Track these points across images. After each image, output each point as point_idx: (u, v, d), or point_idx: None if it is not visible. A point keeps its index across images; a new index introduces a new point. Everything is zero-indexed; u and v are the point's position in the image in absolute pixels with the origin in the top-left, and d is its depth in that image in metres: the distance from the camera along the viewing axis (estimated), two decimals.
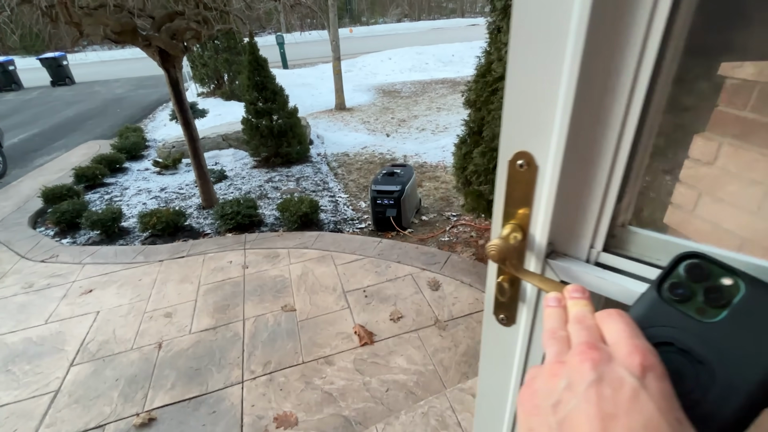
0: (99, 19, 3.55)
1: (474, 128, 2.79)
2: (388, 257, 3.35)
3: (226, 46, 10.93)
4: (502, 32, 2.47)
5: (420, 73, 15.49)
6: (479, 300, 2.80)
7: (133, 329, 2.82)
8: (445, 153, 6.53)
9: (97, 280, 3.42)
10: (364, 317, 2.73)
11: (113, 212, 4.23)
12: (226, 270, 3.39)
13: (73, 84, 16.73)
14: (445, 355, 2.38)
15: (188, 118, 4.52)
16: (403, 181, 4.05)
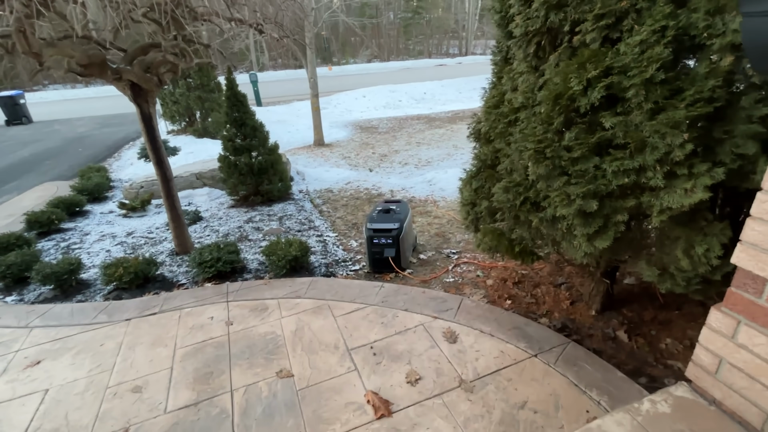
0: (63, 50, 3.20)
1: (487, 162, 2.59)
2: (393, 305, 3.01)
3: (199, 84, 10.66)
4: (515, 61, 2.32)
5: (394, 110, 15.72)
6: (504, 353, 2.48)
7: (92, 411, 2.29)
8: (432, 187, 6.37)
9: (47, 347, 2.86)
10: (376, 381, 2.35)
11: (70, 263, 3.69)
12: (207, 328, 2.93)
13: (30, 123, 15.84)
14: (479, 426, 2.02)
15: (161, 156, 4.13)
16: (400, 218, 3.78)
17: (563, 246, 2.11)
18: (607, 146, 1.82)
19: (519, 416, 2.06)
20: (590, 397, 2.14)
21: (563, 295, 3.23)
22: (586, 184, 1.83)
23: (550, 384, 2.23)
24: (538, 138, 1.96)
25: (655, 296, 3.09)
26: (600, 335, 2.78)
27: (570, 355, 2.42)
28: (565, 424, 2.01)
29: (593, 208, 1.82)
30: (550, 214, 2.04)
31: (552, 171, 1.94)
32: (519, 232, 2.33)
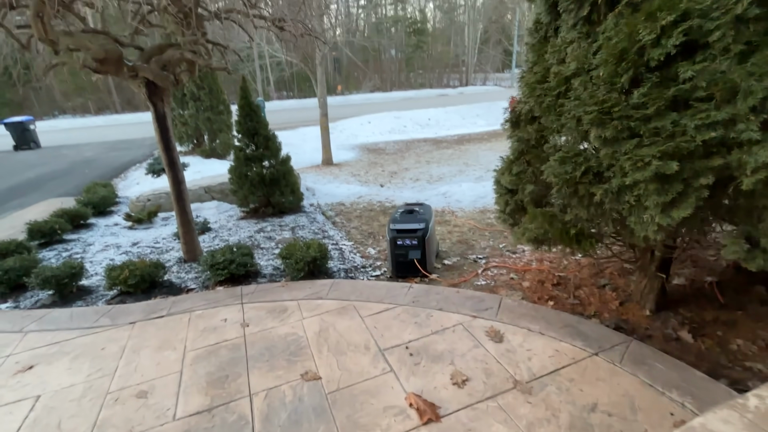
0: (79, 40, 3.10)
1: (531, 142, 2.40)
2: (425, 305, 2.73)
3: (209, 105, 10.73)
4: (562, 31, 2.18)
5: (399, 135, 15.83)
6: (560, 352, 2.19)
7: (89, 419, 1.98)
8: (448, 199, 6.18)
9: (42, 352, 2.57)
10: (417, 383, 2.04)
11: (72, 266, 3.43)
12: (221, 330, 2.64)
13: (39, 148, 15.91)
14: (547, 430, 1.71)
15: (173, 158, 3.97)
16: (425, 218, 3.55)
17: (630, 222, 1.88)
18: (685, 102, 1.63)
19: (591, 420, 1.75)
20: (671, 398, 1.84)
21: (610, 295, 2.95)
22: (664, 142, 1.62)
23: (620, 384, 1.94)
24: (601, 99, 1.78)
25: (713, 296, 2.81)
26: (660, 336, 2.49)
27: (636, 354, 2.13)
28: (648, 428, 1.70)
29: (673, 169, 1.61)
30: (616, 185, 1.83)
31: (620, 133, 1.74)
32: (575, 212, 2.10)
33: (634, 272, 3.12)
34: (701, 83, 1.55)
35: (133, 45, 3.75)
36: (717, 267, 3.25)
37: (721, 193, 1.80)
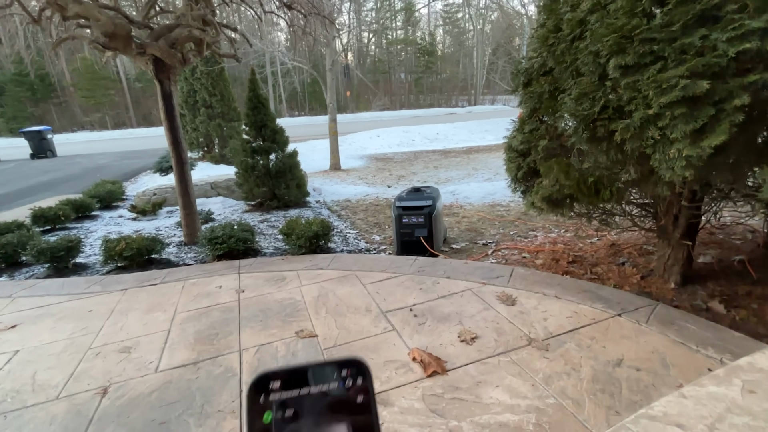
0: (89, 9, 3.12)
1: (545, 96, 2.28)
2: (432, 274, 2.56)
3: (220, 112, 10.88)
4: None
5: (408, 147, 15.85)
6: (579, 313, 2.00)
7: (66, 371, 1.83)
8: (456, 196, 6.03)
9: (28, 314, 2.44)
10: (421, 340, 1.87)
11: (69, 240, 3.35)
12: (214, 295, 2.50)
13: (55, 157, 16.27)
14: (566, 383, 1.52)
15: (178, 137, 3.93)
16: (432, 196, 3.42)
17: (654, 161, 1.72)
18: (715, 18, 1.51)
19: (617, 374, 1.55)
20: (707, 355, 1.64)
21: (630, 271, 2.75)
22: (692, 60, 1.49)
23: (647, 342, 1.74)
24: (620, 24, 1.66)
25: (744, 273, 2.60)
26: (689, 307, 2.28)
27: (663, 315, 1.93)
28: (683, 382, 1.49)
29: (704, 88, 1.47)
30: (638, 118, 1.69)
31: (642, 58, 1.62)
32: (593, 157, 1.95)
33: (654, 251, 2.92)
34: None
35: (143, 23, 3.77)
36: (745, 248, 3.04)
37: (758, 126, 1.65)
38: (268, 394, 0.26)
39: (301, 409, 0.26)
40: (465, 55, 42.43)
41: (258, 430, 0.26)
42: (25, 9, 3.29)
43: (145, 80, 29.52)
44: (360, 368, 0.28)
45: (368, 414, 0.27)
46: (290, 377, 0.27)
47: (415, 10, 41.04)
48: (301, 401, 0.27)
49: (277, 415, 0.26)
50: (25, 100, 27.34)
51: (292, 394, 0.27)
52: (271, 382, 0.27)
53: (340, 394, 0.27)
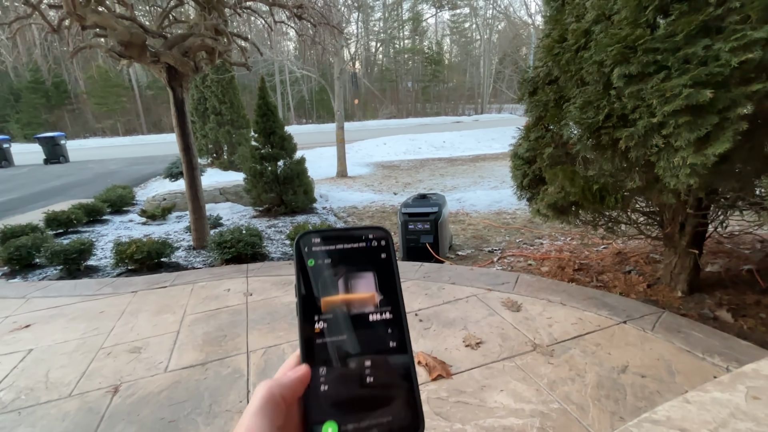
0: (106, 19, 3.22)
1: (550, 104, 2.31)
2: (437, 279, 2.58)
3: (229, 119, 11.05)
4: None
5: (414, 155, 15.93)
6: (584, 320, 2.00)
7: (78, 370, 1.87)
8: (462, 203, 6.05)
9: (41, 314, 2.50)
10: (426, 344, 1.88)
11: (82, 243, 3.42)
12: (223, 298, 2.53)
13: (67, 162, 16.58)
14: (571, 389, 1.53)
15: (189, 143, 4.01)
16: (438, 203, 3.45)
17: (659, 169, 1.74)
18: (718, 29, 1.53)
19: (622, 380, 1.56)
20: (713, 363, 1.63)
21: (636, 279, 2.75)
22: (695, 69, 1.51)
23: (652, 349, 1.74)
24: (624, 35, 1.69)
25: (752, 282, 2.59)
26: (696, 315, 2.27)
27: (669, 323, 1.93)
28: (689, 389, 1.49)
29: (707, 97, 1.49)
30: (643, 127, 1.71)
31: (646, 67, 1.64)
32: (598, 165, 1.97)
33: (661, 259, 2.91)
34: (735, 3, 1.46)
35: (157, 33, 3.88)
36: (754, 257, 3.02)
37: (763, 134, 1.66)
38: (311, 246, 0.33)
39: (336, 259, 0.33)
40: (472, 64, 42.67)
41: (303, 271, 0.32)
42: (46, 19, 3.41)
43: (156, 88, 30.07)
44: (383, 233, 0.35)
45: (390, 267, 0.34)
46: (328, 236, 0.34)
47: (422, 19, 41.48)
48: (337, 254, 0.33)
49: (318, 261, 0.32)
50: (39, 106, 27.97)
51: (329, 247, 0.33)
52: (312, 238, 0.33)
53: (367, 250, 0.34)
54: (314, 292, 0.32)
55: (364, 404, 0.29)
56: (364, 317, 0.31)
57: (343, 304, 0.31)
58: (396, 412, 0.30)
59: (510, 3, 34.36)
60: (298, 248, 0.33)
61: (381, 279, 0.33)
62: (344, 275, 0.32)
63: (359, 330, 0.31)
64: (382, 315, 0.32)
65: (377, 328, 0.31)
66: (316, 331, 0.31)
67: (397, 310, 0.32)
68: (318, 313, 0.31)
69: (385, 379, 0.30)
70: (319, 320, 0.31)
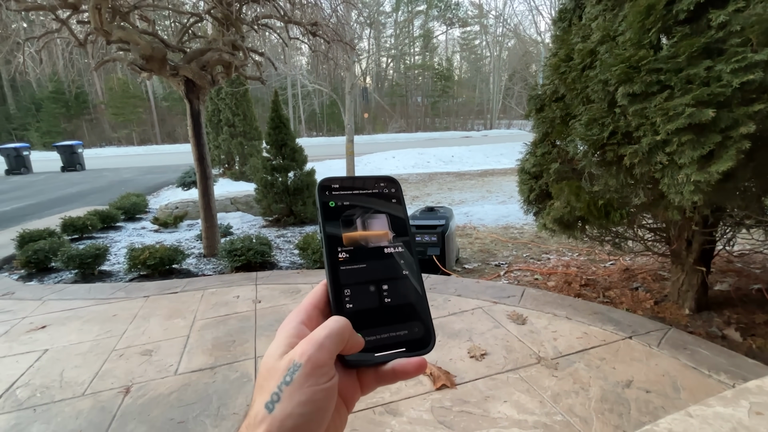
0: (130, 35, 3.37)
1: (556, 121, 2.36)
2: (443, 291, 2.60)
3: (242, 131, 11.28)
4: (587, 8, 2.21)
5: (423, 169, 16.01)
6: (589, 334, 2.01)
7: (92, 370, 1.93)
8: (469, 217, 6.08)
9: (57, 316, 2.57)
10: (432, 354, 1.89)
11: (97, 248, 3.52)
12: (232, 305, 2.58)
13: (83, 170, 16.98)
14: (574, 402, 1.53)
15: (203, 153, 4.12)
16: (446, 216, 3.49)
17: (663, 185, 1.77)
18: (719, 51, 1.58)
19: (626, 395, 1.56)
20: (719, 380, 1.63)
21: (643, 296, 2.74)
22: (698, 89, 1.56)
23: (658, 365, 1.74)
24: (628, 55, 1.75)
25: (762, 302, 2.57)
26: (704, 333, 2.25)
27: (675, 340, 1.93)
28: (692, 405, 1.49)
29: (709, 116, 1.53)
30: (647, 144, 1.75)
31: (649, 87, 1.69)
32: (603, 180, 2.00)
33: (669, 277, 2.90)
34: (736, 27, 1.50)
35: (178, 47, 4.04)
36: (764, 277, 3.00)
37: (766, 153, 1.68)
38: (331, 191, 0.37)
39: (355, 201, 0.37)
40: (482, 80, 43.07)
41: (326, 210, 0.36)
42: (73, 34, 3.58)
43: (172, 99, 30.85)
44: (392, 181, 0.40)
45: (401, 209, 0.38)
46: (345, 182, 0.38)
47: (433, 36, 42.15)
48: (355, 197, 0.37)
49: (338, 203, 0.37)
50: (59, 116, 28.82)
51: (347, 192, 0.37)
52: (333, 183, 0.37)
53: (381, 195, 0.38)
54: (336, 228, 0.35)
55: (384, 320, 0.33)
56: (380, 250, 0.36)
57: (362, 239, 0.36)
58: (410, 327, 0.34)
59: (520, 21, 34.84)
60: (320, 190, 0.37)
61: (393, 219, 0.37)
62: (361, 215, 0.37)
63: (377, 260, 0.35)
64: (396, 249, 0.36)
65: (392, 258, 0.36)
66: (340, 260, 0.34)
67: (408, 245, 0.37)
68: (340, 245, 0.35)
69: (400, 300, 0.34)
70: (342, 251, 0.35)
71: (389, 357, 0.32)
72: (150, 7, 4.01)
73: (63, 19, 3.48)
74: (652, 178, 1.85)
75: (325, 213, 0.36)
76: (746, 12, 1.50)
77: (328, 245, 0.35)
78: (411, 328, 0.34)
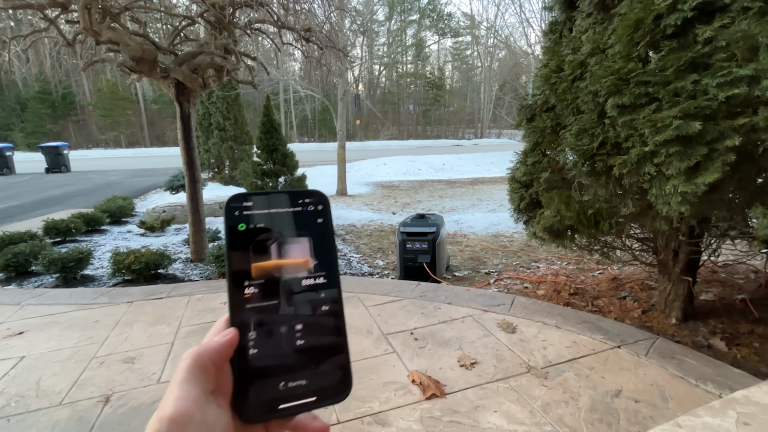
0: (120, 36, 3.33)
1: (546, 131, 2.38)
2: (433, 299, 2.59)
3: (232, 135, 11.20)
4: (577, 20, 2.25)
5: (414, 176, 16.08)
6: (578, 343, 2.01)
7: (70, 378, 1.86)
8: (460, 225, 6.10)
9: (36, 321, 2.49)
10: (421, 363, 1.89)
11: (80, 252, 3.43)
12: (219, 311, 2.53)
13: (69, 172, 16.66)
14: (564, 411, 1.53)
15: (193, 157, 4.07)
16: (436, 223, 3.49)
17: (651, 196, 1.79)
18: (705, 65, 1.61)
19: (615, 404, 1.56)
20: (706, 390, 1.64)
21: (631, 305, 2.76)
22: (685, 102, 1.59)
23: (646, 375, 1.74)
24: (617, 68, 1.78)
25: (746, 312, 2.61)
26: (690, 343, 2.28)
27: (663, 349, 1.94)
28: (681, 415, 1.50)
29: (695, 129, 1.56)
30: (635, 155, 1.77)
31: (638, 99, 1.72)
32: (593, 190, 2.02)
33: (656, 286, 2.94)
34: (721, 42, 1.54)
35: (169, 50, 4.00)
36: (748, 287, 3.05)
37: (751, 166, 1.72)
38: (242, 210, 0.32)
39: (270, 223, 0.32)
40: (473, 89, 43.59)
41: (234, 235, 0.31)
42: (62, 33, 3.52)
43: (162, 102, 30.54)
44: (320, 197, 0.34)
45: (326, 232, 0.33)
46: (260, 200, 0.32)
47: (425, 46, 42.61)
48: (271, 217, 0.32)
49: (250, 225, 0.31)
50: (45, 116, 28.28)
51: (262, 211, 0.32)
52: (244, 201, 0.32)
53: (303, 215, 0.33)
54: (245, 257, 0.31)
55: (294, 366, 0.30)
56: (296, 282, 0.31)
57: (275, 269, 0.31)
58: (325, 372, 0.30)
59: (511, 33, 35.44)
60: (228, 210, 0.32)
61: (316, 244, 0.32)
62: (278, 240, 0.32)
63: (291, 295, 0.31)
64: (316, 280, 0.32)
65: (310, 293, 0.31)
66: (246, 296, 0.30)
67: (331, 276, 0.32)
68: (248, 278, 0.30)
69: (315, 342, 0.31)
70: (250, 285, 0.30)
71: (294, 410, 0.29)
72: (142, 8, 3.98)
73: (51, 18, 3.42)
74: (641, 188, 1.88)
75: (233, 239, 0.31)
76: (731, 28, 1.54)
77: (233, 279, 0.30)
78: (326, 373, 0.30)
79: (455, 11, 40.24)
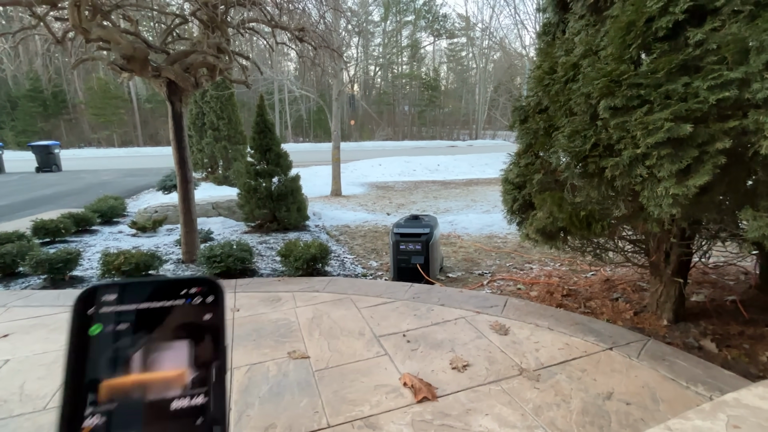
0: (110, 33, 3.29)
1: (539, 132, 2.38)
2: (426, 300, 2.58)
3: (226, 135, 11.13)
4: (570, 22, 2.25)
5: (409, 177, 16.08)
6: (570, 345, 2.01)
7: (56, 382, 1.83)
8: (454, 226, 6.10)
9: (21, 323, 2.44)
10: (413, 366, 1.87)
11: (69, 252, 3.38)
12: None
13: (60, 171, 16.46)
14: (556, 414, 1.52)
15: (185, 157, 4.03)
16: (430, 224, 3.48)
17: (643, 198, 1.79)
18: (696, 68, 1.62)
19: (607, 407, 1.56)
20: (697, 392, 1.64)
21: (623, 306, 2.77)
22: (676, 104, 1.59)
23: (638, 377, 1.74)
24: (610, 70, 1.78)
25: (736, 313, 2.63)
26: (681, 344, 2.29)
27: (654, 351, 1.94)
28: (672, 417, 1.49)
29: (687, 131, 1.56)
30: (627, 157, 1.77)
31: (630, 101, 1.72)
32: (585, 192, 2.02)
33: (648, 287, 2.95)
34: (712, 45, 1.54)
35: (161, 48, 3.96)
36: (738, 288, 3.07)
37: (741, 168, 1.73)
38: (99, 306, 0.25)
39: (137, 323, 0.24)
40: (467, 91, 43.72)
41: (78, 343, 0.23)
42: (50, 31, 3.47)
43: (155, 101, 30.30)
44: (211, 286, 0.26)
45: (215, 332, 0.26)
46: (128, 291, 0.25)
47: (420, 47, 42.68)
48: (139, 315, 0.24)
49: (107, 328, 0.24)
50: (36, 115, 27.94)
51: (128, 307, 0.24)
52: (104, 295, 0.25)
53: (184, 310, 0.25)
54: (93, 373, 0.23)
55: None
56: (164, 405, 0.24)
57: (136, 388, 0.23)
58: None
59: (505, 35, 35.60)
60: (77, 310, 0.24)
61: (199, 349, 0.25)
62: (144, 346, 0.24)
63: (155, 423, 0.23)
64: (192, 400, 0.24)
65: (182, 419, 0.24)
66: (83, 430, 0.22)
67: (218, 391, 0.25)
68: (94, 404, 0.23)
69: None
70: (95, 413, 0.23)
71: None
72: (133, 6, 3.93)
73: (40, 15, 3.37)
74: (633, 190, 1.88)
75: (80, 344, 0.24)
76: (722, 31, 1.54)
77: (69, 405, 0.22)
78: None
79: (450, 12, 40.40)
